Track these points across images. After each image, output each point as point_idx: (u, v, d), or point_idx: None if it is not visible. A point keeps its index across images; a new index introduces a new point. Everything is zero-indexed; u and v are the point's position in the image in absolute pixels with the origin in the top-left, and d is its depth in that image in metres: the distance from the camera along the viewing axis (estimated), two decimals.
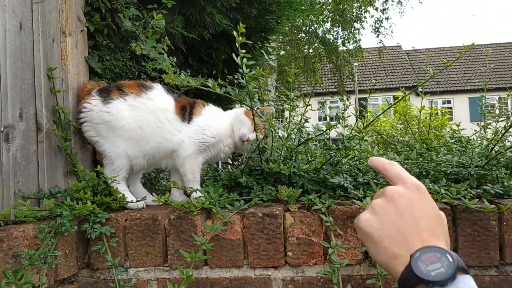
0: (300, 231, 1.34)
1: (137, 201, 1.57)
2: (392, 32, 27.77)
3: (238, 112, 1.80)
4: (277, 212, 1.36)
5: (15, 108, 1.34)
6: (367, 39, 30.90)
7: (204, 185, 1.67)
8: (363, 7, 13.32)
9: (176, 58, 2.10)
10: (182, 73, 1.71)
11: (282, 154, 1.68)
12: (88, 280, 1.41)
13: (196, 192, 1.55)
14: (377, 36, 14.17)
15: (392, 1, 18.32)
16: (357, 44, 13.80)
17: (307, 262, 1.34)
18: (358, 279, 1.34)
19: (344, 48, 13.85)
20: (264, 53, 4.54)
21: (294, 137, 1.71)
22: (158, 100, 1.65)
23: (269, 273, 1.37)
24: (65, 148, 1.54)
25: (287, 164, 1.59)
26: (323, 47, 13.71)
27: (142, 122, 1.62)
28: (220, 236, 1.37)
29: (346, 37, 13.63)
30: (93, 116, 1.60)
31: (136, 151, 1.63)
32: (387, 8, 14.14)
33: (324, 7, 13.13)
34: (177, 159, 1.67)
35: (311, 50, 13.96)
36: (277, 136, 1.70)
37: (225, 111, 1.91)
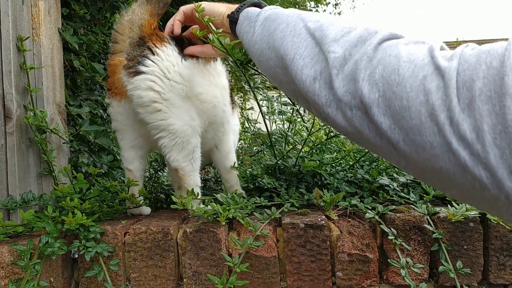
0: (351, 245, 1.09)
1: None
2: None
3: None
4: (323, 222, 1.10)
5: None
6: None
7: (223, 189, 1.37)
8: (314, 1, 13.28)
9: None
10: None
11: (305, 149, 1.43)
12: None
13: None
14: None
15: None
16: None
17: (360, 283, 1.09)
18: None
19: None
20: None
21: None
22: (224, 80, 1.28)
23: None
24: (39, 142, 1.20)
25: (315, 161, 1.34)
26: None
27: (216, 98, 1.22)
28: (250, 253, 1.09)
29: None
30: (168, 69, 1.11)
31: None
32: (339, 3, 14.21)
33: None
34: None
35: None
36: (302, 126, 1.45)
37: None
